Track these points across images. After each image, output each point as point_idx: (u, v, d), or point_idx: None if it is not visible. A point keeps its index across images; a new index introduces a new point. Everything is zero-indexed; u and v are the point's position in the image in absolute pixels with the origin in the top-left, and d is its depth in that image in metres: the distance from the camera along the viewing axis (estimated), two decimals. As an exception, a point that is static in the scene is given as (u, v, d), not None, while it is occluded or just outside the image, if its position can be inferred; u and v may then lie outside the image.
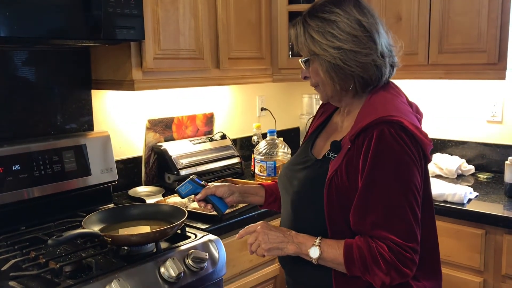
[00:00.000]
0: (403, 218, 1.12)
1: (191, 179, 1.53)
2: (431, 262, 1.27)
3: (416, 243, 1.14)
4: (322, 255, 1.17)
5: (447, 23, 2.18)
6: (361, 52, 1.18)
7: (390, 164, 1.12)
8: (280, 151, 2.29)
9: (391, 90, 1.26)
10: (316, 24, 1.21)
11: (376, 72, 1.21)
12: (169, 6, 1.93)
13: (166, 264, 1.46)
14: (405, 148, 1.12)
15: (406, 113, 1.19)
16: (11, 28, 1.43)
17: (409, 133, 1.13)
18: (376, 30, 1.21)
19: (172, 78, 2.01)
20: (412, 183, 1.14)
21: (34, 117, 1.91)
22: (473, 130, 2.53)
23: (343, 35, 1.18)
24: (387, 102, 1.21)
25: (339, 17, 1.19)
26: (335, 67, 1.20)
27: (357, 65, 1.19)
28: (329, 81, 1.24)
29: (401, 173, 1.13)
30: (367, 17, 1.21)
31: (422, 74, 2.31)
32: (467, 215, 1.91)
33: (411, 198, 1.13)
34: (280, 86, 2.99)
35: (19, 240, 1.61)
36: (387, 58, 1.23)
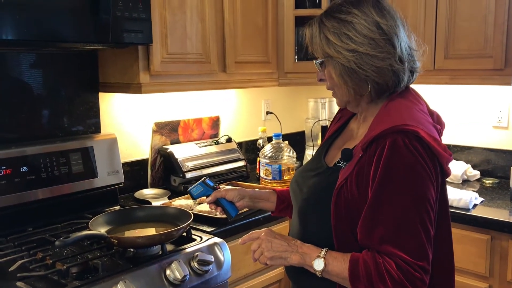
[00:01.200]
0: (413, 234, 1.06)
1: (202, 181, 1.54)
2: (445, 281, 1.21)
3: (427, 262, 1.07)
4: (327, 268, 1.13)
5: (453, 29, 2.19)
6: (377, 56, 1.12)
7: (402, 176, 1.06)
8: (286, 154, 2.29)
9: (410, 97, 1.20)
10: (332, 24, 1.16)
11: (393, 77, 1.15)
12: (177, 10, 1.95)
13: (172, 266, 1.47)
14: (420, 160, 1.06)
15: (424, 122, 1.12)
16: (20, 31, 1.45)
17: (424, 144, 1.07)
18: (395, 33, 1.14)
19: (179, 82, 2.02)
20: (425, 198, 1.07)
21: (42, 119, 1.93)
22: (479, 136, 2.53)
23: (359, 37, 1.13)
24: (404, 110, 1.14)
25: (356, 18, 1.14)
26: (349, 71, 1.15)
27: (373, 69, 1.13)
28: (343, 85, 1.19)
29: (413, 186, 1.07)
30: (386, 19, 1.14)
31: (428, 79, 2.31)
32: (473, 220, 1.91)
33: (423, 213, 1.07)
34: (285, 90, 3.00)
35: (26, 241, 1.63)
36: (406, 63, 1.16)
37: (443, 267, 1.19)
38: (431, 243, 1.09)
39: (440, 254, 1.17)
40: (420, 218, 1.07)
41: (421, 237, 1.06)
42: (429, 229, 1.08)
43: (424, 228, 1.07)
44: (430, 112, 1.24)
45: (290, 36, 2.44)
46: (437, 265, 1.15)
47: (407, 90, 1.22)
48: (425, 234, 1.07)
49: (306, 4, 2.55)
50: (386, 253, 1.07)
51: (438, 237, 1.14)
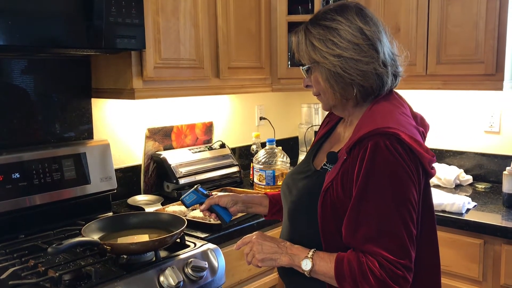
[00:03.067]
0: (395, 233, 1.09)
1: (195, 189, 1.55)
2: (430, 280, 1.23)
3: (409, 260, 1.10)
4: (314, 268, 1.17)
5: (445, 34, 2.21)
6: (362, 60, 1.17)
7: (384, 177, 1.10)
8: (279, 160, 2.30)
9: (394, 101, 1.24)
10: (317, 31, 1.20)
11: (377, 80, 1.19)
12: (170, 16, 1.95)
13: (166, 273, 1.46)
14: (400, 161, 1.09)
15: (406, 125, 1.15)
16: (12, 37, 1.44)
17: (405, 146, 1.10)
18: (378, 39, 1.19)
19: (172, 87, 2.02)
20: (407, 198, 1.10)
21: (34, 125, 1.92)
22: (471, 141, 2.54)
23: (344, 42, 1.17)
24: (387, 113, 1.18)
25: (341, 25, 1.18)
26: (335, 75, 1.19)
27: (357, 73, 1.17)
28: (329, 90, 1.22)
29: (395, 187, 1.10)
30: (369, 25, 1.19)
31: (420, 85, 2.33)
32: (466, 225, 1.92)
33: (405, 213, 1.10)
34: (278, 96, 3.01)
35: (18, 248, 1.61)
36: (389, 67, 1.21)
37: (428, 267, 1.22)
38: (414, 242, 1.12)
39: (425, 254, 1.19)
40: (402, 218, 1.10)
41: (403, 236, 1.09)
42: (411, 229, 1.11)
43: (406, 227, 1.10)
44: (414, 114, 1.27)
45: (283, 42, 2.45)
46: (422, 265, 1.18)
47: (391, 94, 1.26)
48: (407, 233, 1.10)
49: (299, 10, 2.56)
50: (369, 252, 1.10)
51: (422, 238, 1.17)
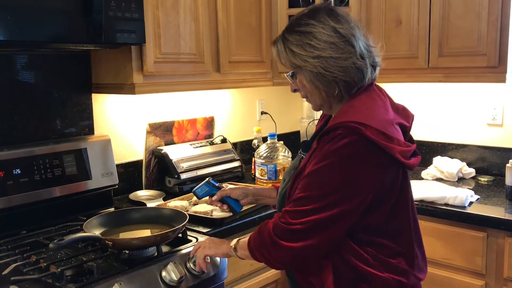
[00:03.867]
0: (306, 207, 1.17)
1: (207, 181, 1.62)
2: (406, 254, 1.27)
3: (299, 224, 1.17)
4: (237, 252, 1.34)
5: (447, 27, 2.19)
6: (340, 57, 1.22)
7: (329, 163, 1.16)
8: (281, 154, 2.29)
9: (373, 93, 1.28)
10: (294, 38, 1.26)
11: (358, 73, 1.24)
12: (170, 10, 1.93)
13: (168, 268, 1.46)
14: (355, 152, 1.15)
15: (376, 118, 1.20)
16: (12, 32, 1.43)
17: (365, 139, 1.14)
18: (352, 34, 1.24)
19: (172, 82, 2.01)
20: (349, 187, 1.16)
21: (35, 121, 1.91)
22: (473, 133, 2.53)
23: (321, 44, 1.22)
24: (360, 106, 1.23)
25: (315, 28, 1.23)
26: (317, 75, 1.24)
27: (338, 70, 1.23)
28: (315, 90, 1.28)
29: (339, 174, 1.16)
30: (341, 23, 1.25)
31: (422, 78, 2.31)
32: (469, 218, 1.91)
33: (335, 198, 1.16)
34: (280, 90, 2.99)
35: (19, 244, 1.61)
36: (367, 59, 1.26)
37: (403, 239, 1.27)
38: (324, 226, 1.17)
39: (398, 247, 1.25)
40: (326, 202, 1.16)
41: (311, 212, 1.17)
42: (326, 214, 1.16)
43: (323, 212, 1.16)
44: (395, 106, 1.31)
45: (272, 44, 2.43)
46: (399, 238, 1.25)
47: (371, 87, 1.30)
48: (319, 214, 1.16)
49: (299, 3, 2.55)
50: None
51: (395, 229, 1.25)
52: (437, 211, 1.98)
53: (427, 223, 2.00)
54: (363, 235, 1.23)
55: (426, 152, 2.64)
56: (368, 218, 1.21)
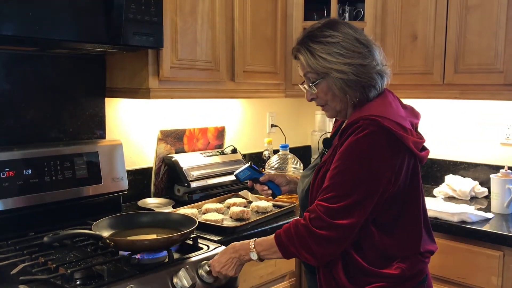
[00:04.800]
0: (340, 197, 1.24)
1: (249, 166, 1.71)
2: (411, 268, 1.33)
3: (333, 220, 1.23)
4: (260, 253, 1.36)
5: (463, 43, 2.18)
6: (367, 65, 1.32)
7: (357, 154, 1.24)
8: (292, 166, 2.26)
9: (385, 96, 1.38)
10: (321, 47, 1.32)
11: (380, 79, 1.35)
12: (188, 17, 1.93)
13: (179, 274, 1.42)
14: (375, 142, 1.23)
15: (391, 113, 1.29)
16: (32, 29, 1.42)
17: (384, 129, 1.23)
18: (371, 45, 1.35)
19: (187, 88, 2.00)
20: (372, 175, 1.24)
21: (47, 122, 1.89)
22: (486, 152, 2.50)
23: (349, 52, 1.31)
24: (374, 105, 1.32)
25: (340, 38, 1.32)
26: (348, 81, 1.31)
27: (366, 75, 1.32)
28: (340, 96, 1.35)
29: (364, 164, 1.24)
30: (361, 34, 1.35)
31: (437, 94, 2.30)
32: (485, 236, 1.87)
33: (362, 188, 1.23)
34: (290, 103, 2.98)
35: (27, 245, 1.57)
36: (384, 66, 1.37)
37: (408, 252, 1.33)
38: (362, 211, 1.24)
39: (407, 239, 1.33)
40: (354, 190, 1.23)
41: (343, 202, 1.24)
42: (357, 201, 1.23)
43: (352, 197, 1.23)
44: (404, 106, 1.42)
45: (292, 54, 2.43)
46: (402, 250, 1.32)
47: (383, 93, 1.39)
48: (350, 202, 1.23)
49: (314, 17, 2.55)
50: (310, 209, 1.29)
51: (404, 223, 1.32)
52: (452, 229, 1.94)
53: (441, 240, 1.96)
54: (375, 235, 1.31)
55: (438, 170, 2.61)
56: (382, 214, 1.30)
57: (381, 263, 1.31)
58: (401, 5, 2.36)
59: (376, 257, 1.31)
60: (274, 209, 2.06)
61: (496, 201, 2.11)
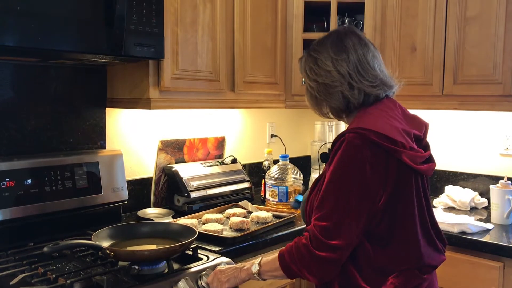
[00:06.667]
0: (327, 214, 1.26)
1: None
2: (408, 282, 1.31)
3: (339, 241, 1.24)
4: (261, 269, 1.37)
5: (462, 54, 2.20)
6: (331, 85, 1.37)
7: (340, 167, 1.27)
8: (292, 176, 2.26)
9: (381, 106, 1.38)
10: (308, 60, 1.43)
11: (343, 100, 1.37)
12: (189, 28, 1.95)
13: (179, 285, 1.42)
14: (358, 155, 1.25)
15: (382, 125, 1.29)
16: (35, 40, 1.43)
17: (369, 141, 1.25)
18: (342, 66, 1.35)
19: (188, 99, 2.01)
20: (354, 187, 1.24)
21: (48, 132, 1.90)
22: (485, 163, 2.51)
23: (319, 71, 1.38)
24: (366, 116, 1.33)
25: (319, 56, 1.39)
26: (313, 97, 1.43)
27: (327, 94, 1.38)
28: (318, 106, 1.45)
29: (345, 176, 1.26)
30: (341, 54, 1.36)
31: (436, 105, 2.31)
32: (485, 247, 1.87)
33: (345, 199, 1.25)
34: (290, 114, 2.99)
35: (27, 255, 1.57)
36: (355, 88, 1.35)
37: (404, 266, 1.30)
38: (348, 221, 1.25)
39: (403, 253, 1.30)
40: (337, 203, 1.25)
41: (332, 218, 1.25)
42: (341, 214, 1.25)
43: (337, 212, 1.25)
44: (408, 116, 1.43)
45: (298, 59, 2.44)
46: (397, 264, 1.30)
47: (382, 100, 1.39)
48: (338, 217, 1.24)
49: (313, 28, 2.57)
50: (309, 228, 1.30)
51: (397, 237, 1.29)
52: (451, 239, 1.94)
53: (441, 251, 1.96)
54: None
55: (437, 180, 2.62)
56: (374, 228, 1.29)
57: (377, 280, 1.29)
58: (400, 16, 2.38)
59: (372, 274, 1.29)
60: (274, 219, 2.06)
61: (496, 212, 2.11)
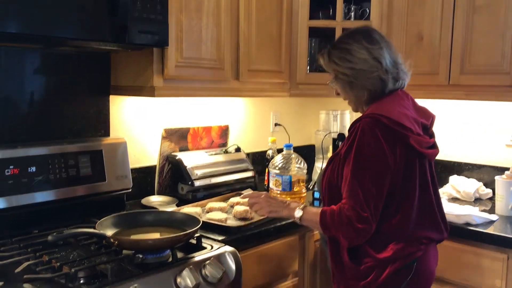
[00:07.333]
0: (355, 191, 1.43)
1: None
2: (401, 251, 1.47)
3: (364, 212, 1.41)
4: (303, 216, 1.54)
5: (470, 44, 2.17)
6: (367, 70, 1.53)
7: (360, 149, 1.44)
8: (296, 166, 2.25)
9: (395, 97, 1.56)
10: (336, 52, 1.58)
11: (381, 84, 1.54)
12: (193, 15, 1.92)
13: (183, 274, 1.42)
14: (374, 138, 1.43)
15: (394, 112, 1.47)
16: (37, 27, 1.42)
17: (383, 126, 1.44)
18: (380, 54, 1.53)
19: (192, 87, 1.99)
20: (371, 167, 1.43)
21: (51, 119, 1.89)
22: (491, 154, 2.49)
23: (354, 59, 1.53)
24: (381, 104, 1.51)
25: (352, 47, 1.54)
26: (349, 83, 1.57)
27: (365, 80, 1.54)
28: (347, 94, 1.61)
29: (365, 157, 1.44)
30: (373, 44, 1.54)
31: (442, 94, 2.29)
32: (489, 238, 1.86)
33: (365, 176, 1.43)
34: (294, 102, 2.97)
35: (31, 243, 1.57)
36: (389, 74, 1.54)
37: (404, 236, 1.48)
38: (377, 199, 1.44)
39: (402, 225, 1.48)
40: (359, 181, 1.43)
41: (358, 194, 1.42)
42: (366, 189, 1.42)
43: (362, 188, 1.42)
44: (417, 108, 1.61)
45: (303, 47, 2.42)
46: (400, 234, 1.48)
47: (395, 92, 1.57)
48: (363, 193, 1.42)
49: (319, 16, 2.54)
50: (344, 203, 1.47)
51: (402, 212, 1.48)
52: (456, 230, 1.93)
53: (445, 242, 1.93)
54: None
55: (442, 171, 2.60)
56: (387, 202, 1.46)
57: (379, 245, 1.47)
58: (408, 4, 2.35)
59: (377, 240, 1.47)
60: (278, 208, 2.05)
61: (501, 203, 2.10)
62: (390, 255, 1.46)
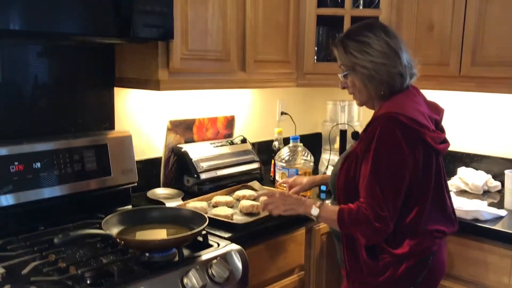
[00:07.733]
0: (374, 190, 1.44)
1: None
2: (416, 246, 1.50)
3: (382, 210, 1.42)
4: (320, 214, 1.55)
5: (482, 34, 2.11)
6: (388, 64, 1.52)
7: (379, 149, 1.45)
8: (303, 158, 2.23)
9: (408, 93, 1.57)
10: (353, 44, 1.54)
11: (400, 79, 1.54)
12: (199, 5, 1.88)
13: (190, 274, 1.41)
14: (393, 136, 1.43)
15: (409, 110, 1.48)
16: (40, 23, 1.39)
17: (401, 124, 1.44)
18: (400, 48, 1.53)
19: (198, 80, 1.96)
20: (392, 165, 1.44)
21: (56, 114, 1.87)
22: (500, 146, 2.45)
23: (375, 52, 1.51)
24: (397, 102, 1.52)
25: (371, 39, 1.52)
26: (369, 77, 1.54)
27: (387, 74, 1.52)
28: (364, 88, 1.57)
29: (385, 157, 1.44)
30: (391, 38, 1.54)
31: (452, 86, 2.24)
32: (497, 235, 1.84)
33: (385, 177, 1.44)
34: (300, 91, 2.93)
35: (38, 241, 1.57)
36: (407, 69, 1.55)
37: (419, 230, 1.50)
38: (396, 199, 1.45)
39: (417, 221, 1.49)
40: (378, 181, 1.44)
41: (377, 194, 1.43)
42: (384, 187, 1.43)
43: (380, 187, 1.43)
44: (428, 103, 1.62)
45: (311, 36, 2.37)
46: (415, 230, 1.50)
47: (408, 88, 1.58)
48: (381, 191, 1.43)
49: (327, 3, 2.48)
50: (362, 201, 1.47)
51: (417, 209, 1.49)
52: (464, 226, 1.92)
53: (453, 238, 1.93)
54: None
55: (450, 162, 2.57)
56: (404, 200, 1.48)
57: (395, 241, 1.49)
58: (418, -8, 2.29)
59: (392, 235, 1.48)
60: (284, 202, 2.03)
61: (510, 198, 2.08)
62: (406, 251, 1.48)
